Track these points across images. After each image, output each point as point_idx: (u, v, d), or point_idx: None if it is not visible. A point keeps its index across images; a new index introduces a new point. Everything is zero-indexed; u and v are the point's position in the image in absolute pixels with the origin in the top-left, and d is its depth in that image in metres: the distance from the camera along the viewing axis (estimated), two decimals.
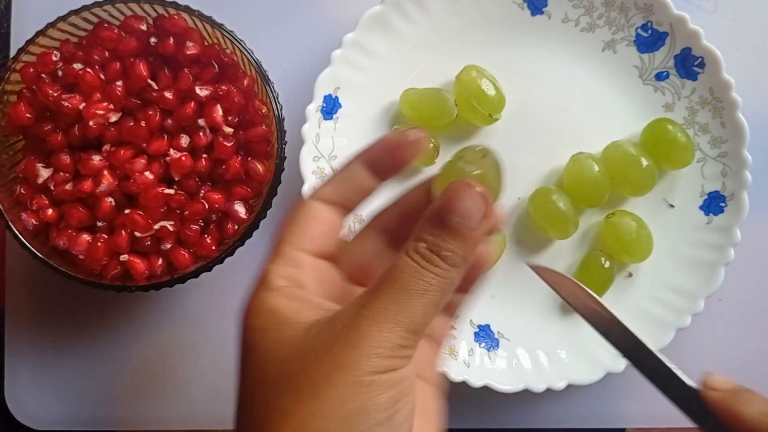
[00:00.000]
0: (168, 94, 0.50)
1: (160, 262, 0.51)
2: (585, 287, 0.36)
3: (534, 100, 0.56)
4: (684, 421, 0.34)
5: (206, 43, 0.52)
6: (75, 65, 0.49)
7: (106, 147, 0.50)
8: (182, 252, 0.51)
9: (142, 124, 0.50)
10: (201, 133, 0.50)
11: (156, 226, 0.50)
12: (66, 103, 0.48)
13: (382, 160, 0.34)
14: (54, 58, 0.50)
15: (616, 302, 0.55)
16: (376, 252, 0.35)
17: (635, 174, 0.54)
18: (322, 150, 0.54)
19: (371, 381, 0.28)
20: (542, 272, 0.37)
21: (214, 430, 0.58)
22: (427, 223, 0.30)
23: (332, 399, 0.28)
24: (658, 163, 0.54)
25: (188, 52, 0.50)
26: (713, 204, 0.55)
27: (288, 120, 0.51)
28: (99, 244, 0.49)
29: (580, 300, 0.36)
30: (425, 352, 0.35)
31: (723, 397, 0.33)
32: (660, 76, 0.56)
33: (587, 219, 0.56)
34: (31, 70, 0.49)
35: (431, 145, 0.54)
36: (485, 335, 0.55)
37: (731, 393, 0.33)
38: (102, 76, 0.50)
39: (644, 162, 0.53)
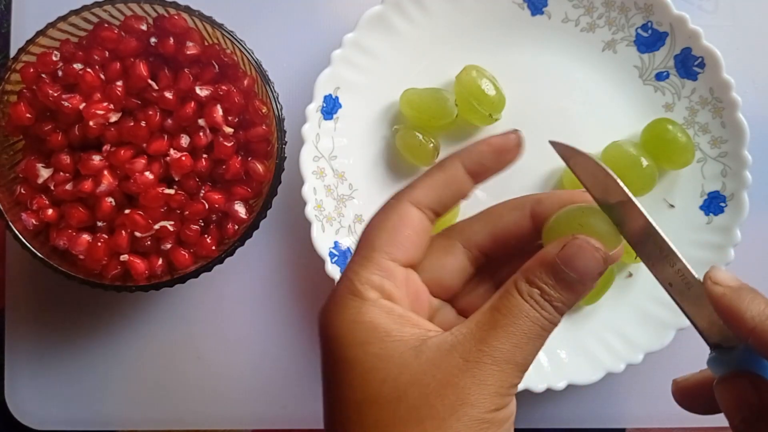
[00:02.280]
0: (168, 94, 0.50)
1: (160, 262, 0.51)
2: (603, 165, 0.33)
3: (534, 100, 0.56)
4: (683, 421, 0.33)
5: (206, 43, 0.52)
6: (75, 65, 0.49)
7: (106, 147, 0.50)
8: (182, 252, 0.51)
9: (142, 124, 0.50)
10: (201, 133, 0.50)
11: (156, 226, 0.50)
12: (66, 103, 0.48)
13: (485, 163, 0.33)
14: (54, 58, 0.50)
15: (617, 302, 0.55)
16: (460, 269, 0.35)
17: (635, 174, 0.54)
18: (322, 150, 0.54)
19: (491, 418, 0.30)
20: (559, 147, 0.36)
21: (214, 430, 0.58)
22: (542, 270, 0.31)
23: None
24: (658, 163, 0.54)
25: (188, 52, 0.50)
26: (713, 204, 0.55)
27: (288, 120, 0.51)
28: (99, 244, 0.49)
29: (596, 178, 0.33)
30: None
31: (726, 294, 0.30)
32: (660, 76, 0.56)
33: None
34: (31, 70, 0.49)
35: (431, 145, 0.54)
36: None
37: (735, 290, 0.30)
38: (102, 76, 0.50)
39: (644, 162, 0.53)
